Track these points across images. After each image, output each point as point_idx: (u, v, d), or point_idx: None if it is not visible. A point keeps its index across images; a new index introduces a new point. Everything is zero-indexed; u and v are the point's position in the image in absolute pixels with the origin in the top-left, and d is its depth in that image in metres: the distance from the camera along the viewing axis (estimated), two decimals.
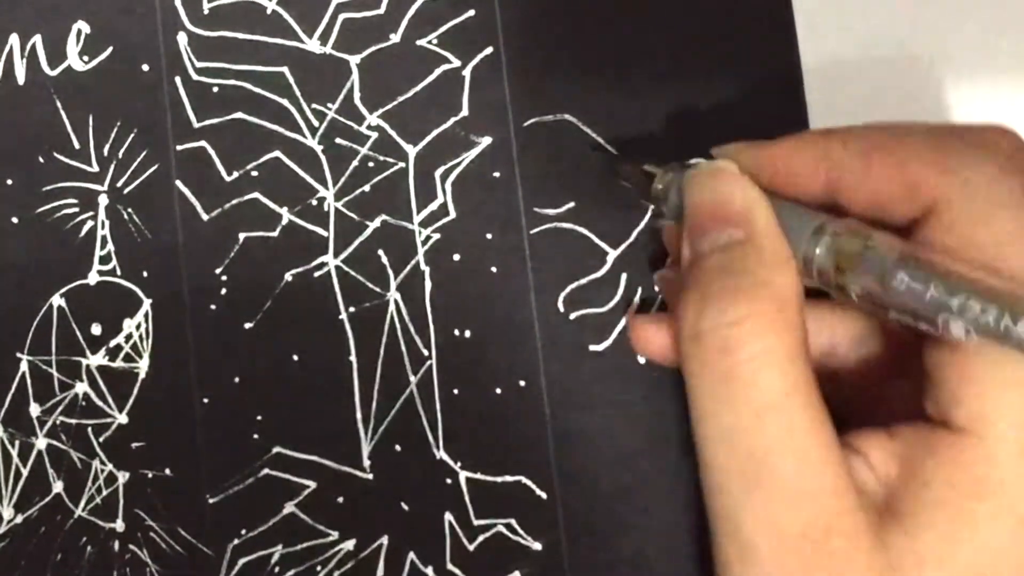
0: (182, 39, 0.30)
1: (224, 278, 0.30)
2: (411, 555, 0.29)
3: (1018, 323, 0.19)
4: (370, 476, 0.29)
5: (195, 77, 0.30)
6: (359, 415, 0.30)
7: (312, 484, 0.30)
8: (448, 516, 0.29)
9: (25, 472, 0.30)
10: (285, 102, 0.30)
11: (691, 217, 0.24)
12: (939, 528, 0.21)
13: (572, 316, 0.29)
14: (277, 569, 0.29)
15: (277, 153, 0.30)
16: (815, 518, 0.21)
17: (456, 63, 0.30)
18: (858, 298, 0.22)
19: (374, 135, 0.30)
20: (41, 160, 0.31)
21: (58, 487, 0.30)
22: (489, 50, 0.30)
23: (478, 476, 0.29)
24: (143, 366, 0.30)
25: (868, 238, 0.22)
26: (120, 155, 0.30)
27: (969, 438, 0.21)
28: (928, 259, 0.21)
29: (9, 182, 0.31)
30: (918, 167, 0.22)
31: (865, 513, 0.22)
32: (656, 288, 0.29)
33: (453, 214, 0.30)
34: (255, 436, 0.30)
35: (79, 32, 0.31)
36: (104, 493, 0.30)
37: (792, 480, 0.22)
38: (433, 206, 0.30)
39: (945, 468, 0.21)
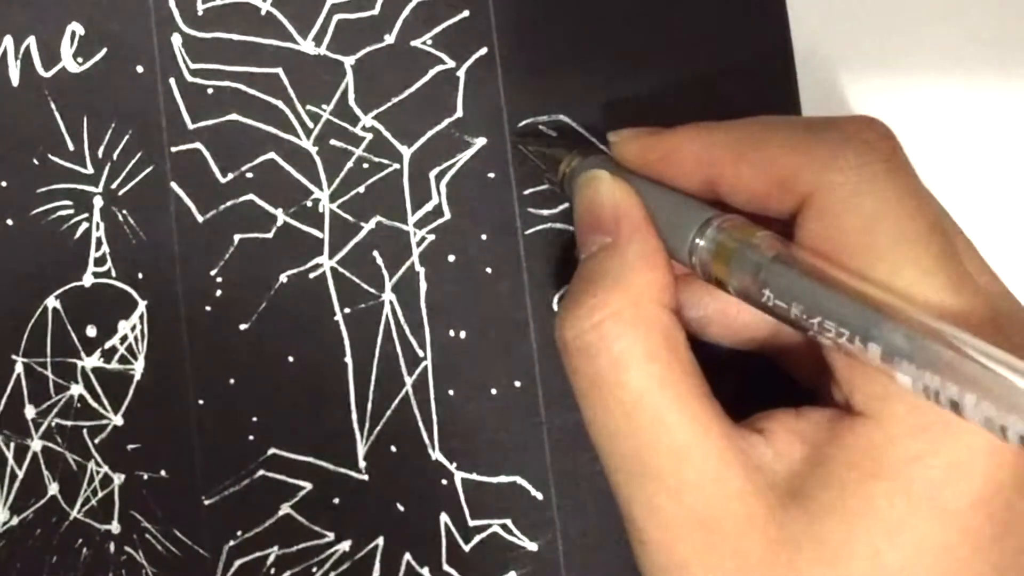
0: (176, 40, 0.30)
1: (219, 279, 0.30)
2: (407, 556, 0.29)
3: (868, 343, 0.20)
4: (366, 477, 0.30)
5: (189, 79, 0.30)
6: (354, 416, 0.30)
7: (308, 485, 0.30)
8: (444, 517, 0.29)
9: (20, 474, 0.30)
10: (280, 103, 0.30)
11: (576, 228, 0.25)
12: (839, 509, 0.21)
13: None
14: (273, 571, 0.29)
15: (272, 154, 0.30)
16: (700, 506, 0.22)
17: (450, 64, 0.30)
18: (735, 293, 0.22)
19: (368, 136, 0.30)
20: (36, 162, 0.31)
21: (53, 489, 0.30)
22: (483, 51, 0.30)
23: (474, 477, 0.29)
24: (138, 368, 0.30)
25: (750, 236, 0.22)
26: (115, 157, 0.30)
27: (867, 421, 0.21)
28: (802, 263, 0.21)
29: (3, 184, 0.31)
30: (786, 161, 0.22)
31: (761, 496, 0.22)
32: None
33: (448, 215, 0.30)
34: (251, 437, 0.30)
35: (73, 34, 0.31)
36: (99, 495, 0.30)
37: (670, 472, 0.22)
38: (428, 207, 0.30)
39: (845, 450, 0.22)
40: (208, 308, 0.30)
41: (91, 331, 0.30)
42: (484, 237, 0.30)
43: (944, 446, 0.21)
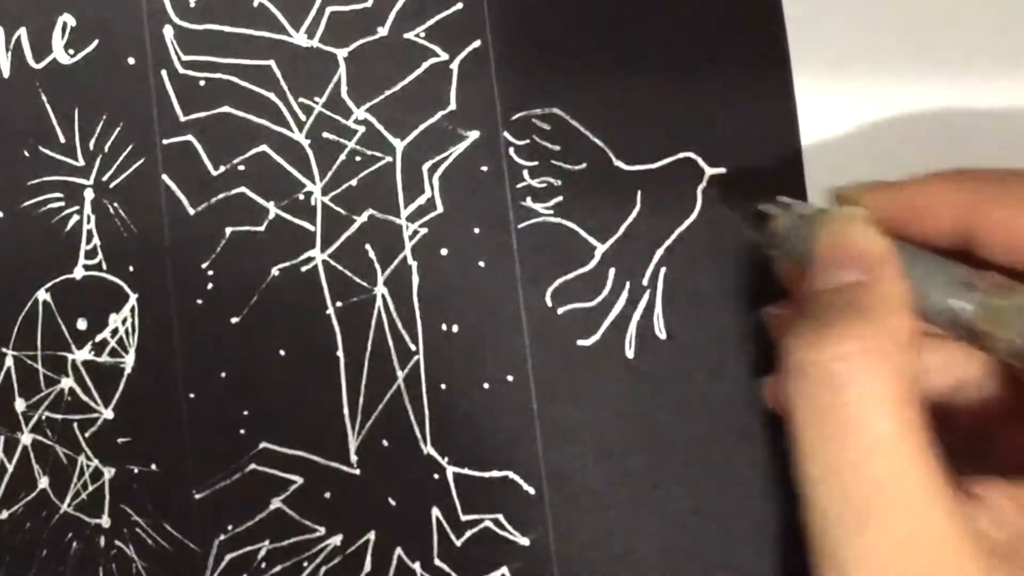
0: (168, 32, 0.30)
1: (210, 273, 0.30)
2: (398, 550, 0.29)
3: None
4: (357, 471, 0.29)
5: (181, 70, 0.30)
6: (346, 410, 0.29)
7: (299, 479, 0.29)
8: (435, 511, 0.29)
9: (10, 468, 0.30)
10: (272, 96, 0.30)
11: (819, 259, 0.24)
12: None
13: (560, 311, 0.29)
14: (264, 565, 0.29)
15: (264, 147, 0.30)
16: (922, 563, 0.21)
17: (443, 57, 0.30)
18: (1007, 355, 0.22)
19: (361, 129, 0.30)
20: (26, 154, 0.30)
21: (43, 483, 0.30)
22: (477, 43, 0.30)
23: (465, 471, 0.29)
24: (129, 361, 0.30)
25: (1019, 295, 0.22)
26: (106, 149, 0.30)
27: None
28: None
29: None
30: None
31: (984, 561, 0.21)
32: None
33: (440, 208, 0.30)
34: (241, 431, 0.30)
35: (64, 25, 0.30)
36: (90, 489, 0.30)
37: (900, 525, 0.21)
38: (420, 200, 0.30)
39: None
40: (199, 301, 0.30)
41: (82, 324, 0.30)
42: (477, 231, 0.30)
43: None
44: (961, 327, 0.23)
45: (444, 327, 0.29)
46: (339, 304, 0.30)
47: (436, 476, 0.29)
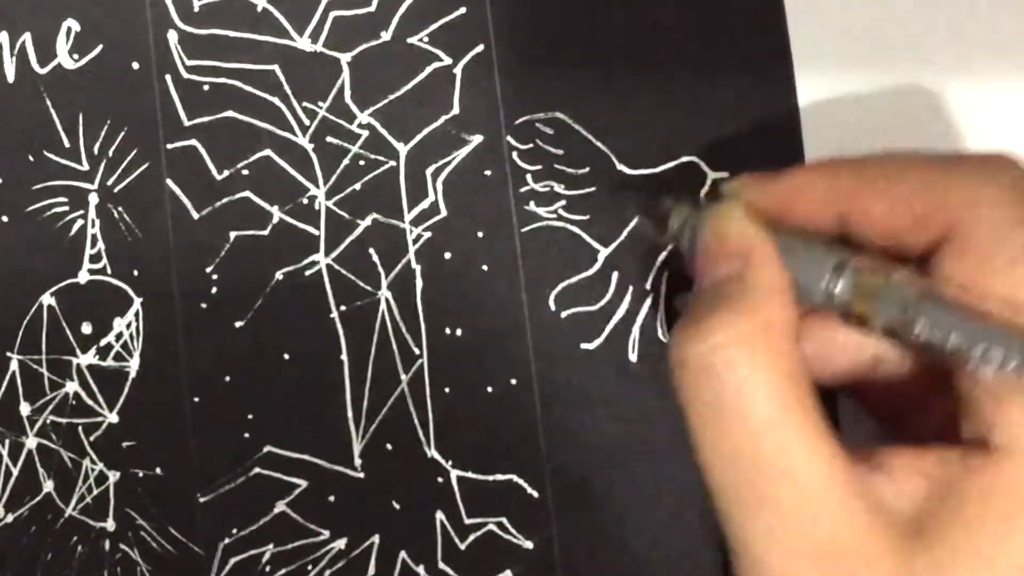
0: (172, 37, 0.30)
1: (215, 277, 0.30)
2: (402, 554, 0.29)
3: None
4: (361, 475, 0.29)
5: (185, 75, 0.30)
6: (350, 414, 0.29)
7: (303, 483, 0.29)
8: (439, 515, 0.29)
9: (15, 471, 0.30)
10: (276, 100, 0.30)
11: (699, 260, 0.25)
12: (969, 550, 0.21)
13: (563, 314, 0.29)
14: (268, 568, 0.29)
15: (268, 152, 0.30)
16: (824, 537, 0.21)
17: (447, 61, 0.30)
18: (881, 331, 0.22)
19: (365, 133, 0.30)
20: (31, 158, 0.30)
21: (48, 486, 0.30)
22: (480, 48, 0.30)
23: (469, 475, 0.29)
24: (133, 365, 0.30)
25: (888, 275, 0.22)
26: (110, 153, 0.30)
27: (1005, 459, 0.21)
28: (947, 297, 0.21)
29: None
30: (925, 197, 0.23)
31: (884, 530, 0.21)
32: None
33: (444, 212, 0.30)
34: (246, 435, 0.30)
35: (69, 30, 0.31)
36: (94, 492, 0.30)
37: (793, 501, 0.22)
38: (424, 204, 0.30)
39: (979, 488, 0.21)
40: (203, 305, 0.30)
41: (86, 328, 0.30)
42: (480, 235, 0.30)
43: None
44: (840, 309, 0.23)
45: (448, 331, 0.30)
46: (343, 308, 0.30)
47: (440, 479, 0.29)
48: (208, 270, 0.30)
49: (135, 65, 0.30)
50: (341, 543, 0.29)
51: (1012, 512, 0.21)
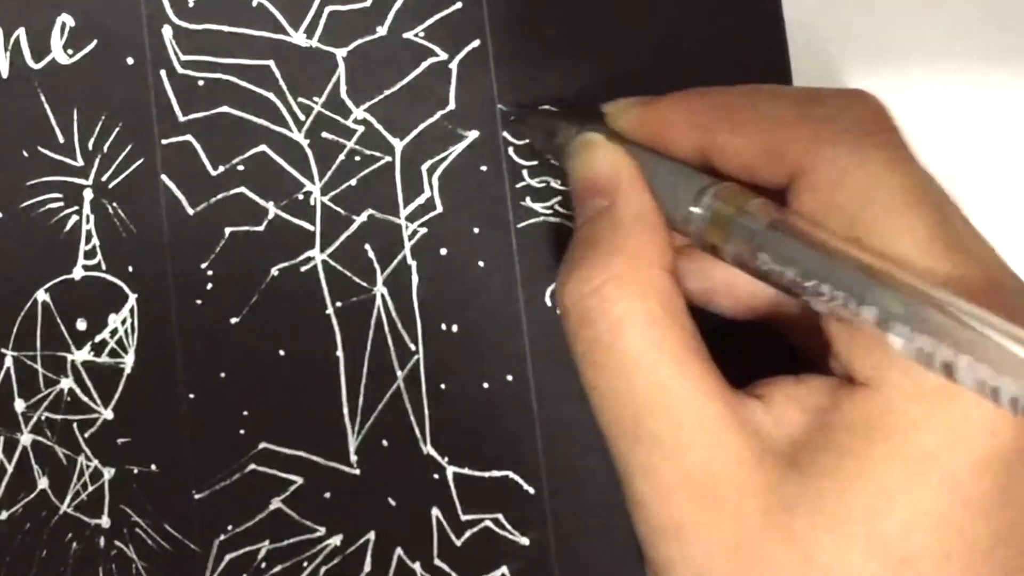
0: (167, 32, 0.30)
1: (210, 273, 0.30)
2: (398, 551, 0.29)
3: (862, 307, 0.20)
4: (357, 471, 0.29)
5: (180, 70, 0.30)
6: (346, 410, 0.29)
7: (299, 479, 0.29)
8: (435, 511, 0.29)
9: (10, 468, 0.30)
10: (271, 96, 0.30)
11: (572, 192, 0.25)
12: (836, 474, 0.21)
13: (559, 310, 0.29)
14: (264, 565, 0.29)
15: (263, 147, 0.30)
16: (697, 469, 0.22)
17: (443, 56, 0.30)
18: (731, 260, 0.23)
19: (360, 129, 0.30)
20: (25, 154, 0.30)
21: (43, 483, 0.30)
22: (476, 43, 0.30)
23: (465, 471, 0.29)
24: (128, 361, 0.30)
25: (745, 203, 0.22)
26: (105, 149, 0.30)
27: (866, 389, 0.21)
28: (797, 230, 0.21)
29: None
30: (780, 133, 0.23)
31: (759, 460, 0.22)
32: None
33: (440, 208, 0.30)
34: (241, 431, 0.30)
35: (63, 25, 0.30)
36: (89, 489, 0.30)
37: (667, 435, 0.22)
38: (420, 200, 0.30)
39: (843, 417, 0.21)
40: (199, 301, 0.30)
41: (81, 324, 0.30)
42: (476, 230, 0.29)
43: (942, 413, 0.20)
44: (695, 235, 0.23)
45: (444, 327, 0.29)
46: (339, 304, 0.30)
47: (436, 476, 0.29)
48: (203, 266, 0.30)
49: (130, 60, 0.30)
50: (337, 540, 0.29)
51: (872, 439, 0.21)
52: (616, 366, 0.23)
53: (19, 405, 0.30)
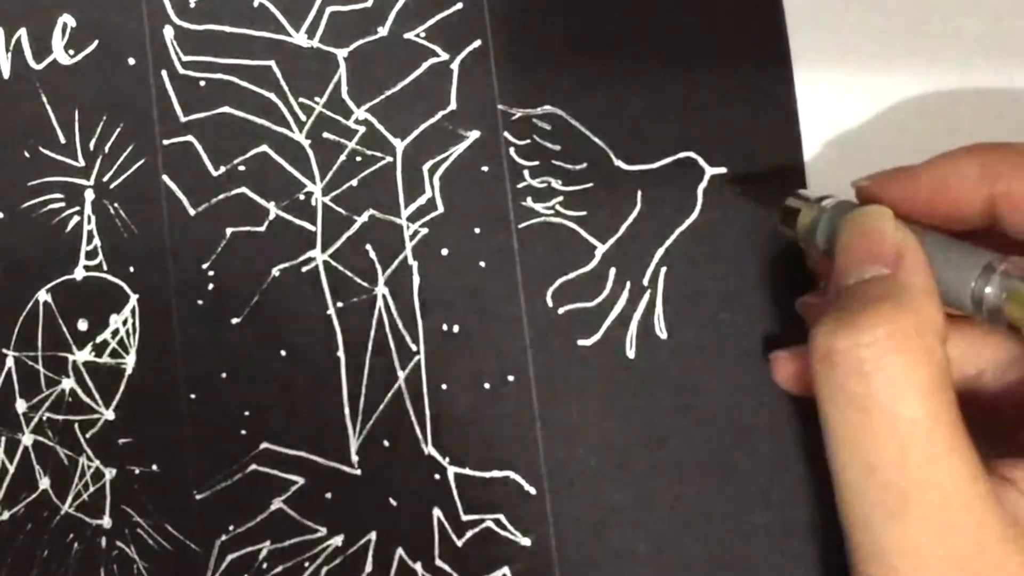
0: (168, 33, 0.30)
1: (211, 273, 0.30)
2: (399, 551, 0.29)
3: None
4: (358, 472, 0.29)
5: (181, 71, 0.30)
6: (347, 410, 0.29)
7: (300, 480, 0.29)
8: (436, 512, 0.29)
9: (11, 469, 0.30)
10: (272, 96, 0.30)
11: (842, 255, 0.24)
12: None
13: (560, 311, 0.29)
14: (265, 565, 0.29)
15: (264, 147, 0.30)
16: (962, 550, 0.21)
17: (444, 56, 0.30)
18: None
19: (361, 129, 0.30)
20: (27, 154, 0.30)
21: (44, 484, 0.30)
22: (477, 43, 0.30)
23: (466, 471, 0.29)
24: (130, 362, 0.30)
25: None
26: (106, 149, 0.30)
27: None
28: None
29: None
30: None
31: (1018, 544, 0.21)
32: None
33: (441, 209, 0.30)
34: (242, 432, 0.30)
35: (65, 26, 0.30)
36: (91, 489, 0.30)
37: (937, 511, 0.21)
38: (421, 201, 0.30)
39: None
40: (200, 302, 0.30)
41: (82, 325, 0.30)
42: (477, 231, 0.29)
43: None
44: (987, 312, 0.23)
45: (445, 327, 0.29)
46: (340, 304, 0.30)
47: (437, 476, 0.29)
48: (204, 266, 0.30)
49: (131, 61, 0.30)
50: (338, 540, 0.29)
51: None
52: (889, 431, 0.22)
53: (20, 405, 0.30)
